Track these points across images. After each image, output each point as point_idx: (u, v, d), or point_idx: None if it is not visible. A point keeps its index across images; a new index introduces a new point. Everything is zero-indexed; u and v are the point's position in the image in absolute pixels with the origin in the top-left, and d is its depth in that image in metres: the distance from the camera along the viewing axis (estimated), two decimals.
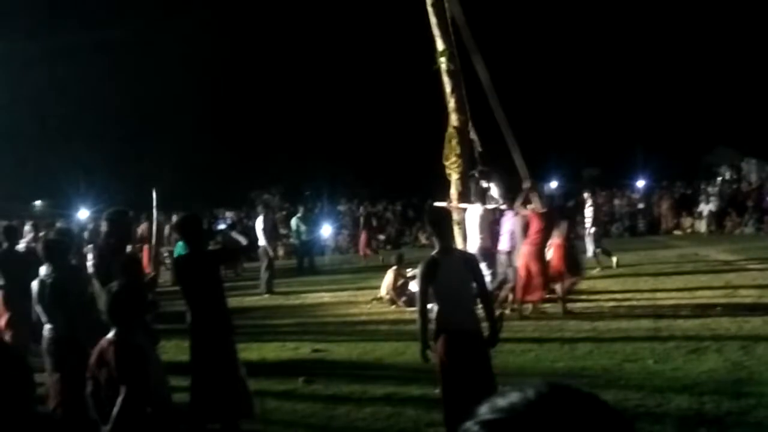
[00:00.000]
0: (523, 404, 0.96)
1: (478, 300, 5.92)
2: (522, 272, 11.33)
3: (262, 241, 16.28)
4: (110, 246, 6.93)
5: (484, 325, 5.73)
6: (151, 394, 4.50)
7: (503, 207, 12.43)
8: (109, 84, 30.78)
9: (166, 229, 18.53)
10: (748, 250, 18.59)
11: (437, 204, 12.70)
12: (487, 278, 11.50)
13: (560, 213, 12.82)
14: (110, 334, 4.58)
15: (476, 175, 12.81)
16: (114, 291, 4.68)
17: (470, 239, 12.11)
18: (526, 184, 12.17)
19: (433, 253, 5.68)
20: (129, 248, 8.33)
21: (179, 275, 6.57)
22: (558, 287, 11.72)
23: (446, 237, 5.72)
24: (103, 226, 7.36)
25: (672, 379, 7.38)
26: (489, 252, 11.99)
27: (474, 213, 12.20)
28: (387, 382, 7.99)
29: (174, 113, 33.30)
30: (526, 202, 11.73)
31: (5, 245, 9.38)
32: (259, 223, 16.73)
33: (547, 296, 11.80)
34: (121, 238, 7.13)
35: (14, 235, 9.72)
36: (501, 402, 0.98)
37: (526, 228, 11.58)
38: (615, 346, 9.03)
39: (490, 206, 12.45)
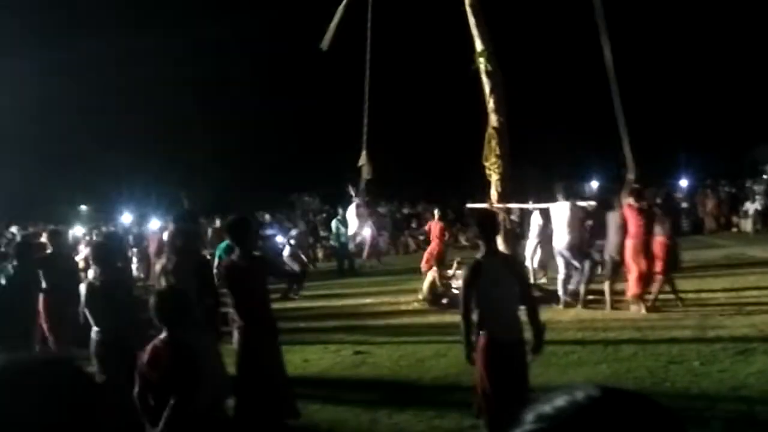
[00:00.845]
0: (573, 409, 0.95)
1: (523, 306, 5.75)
2: (630, 267, 11.44)
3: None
4: (179, 248, 7.04)
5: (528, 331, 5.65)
6: (199, 396, 4.56)
7: (592, 204, 12.74)
8: (152, 89, 31.20)
9: (209, 232, 18.73)
10: None
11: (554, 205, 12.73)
12: (575, 275, 12.16)
13: (665, 210, 12.95)
14: (162, 335, 4.66)
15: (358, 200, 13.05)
16: (160, 292, 4.78)
17: (558, 236, 12.35)
18: (631, 176, 12.35)
19: (478, 256, 5.65)
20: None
21: (229, 278, 6.44)
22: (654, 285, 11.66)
23: (492, 240, 5.67)
24: (171, 229, 7.48)
25: (719, 381, 7.27)
26: (578, 248, 12.18)
27: (563, 210, 12.29)
28: (429, 385, 7.99)
29: (215, 118, 33.65)
30: (633, 194, 11.73)
31: (50, 250, 9.57)
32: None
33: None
34: (190, 239, 7.28)
35: (60, 239, 9.91)
36: (547, 409, 0.96)
37: (623, 223, 11.63)
38: (660, 348, 8.92)
39: (580, 203, 12.69)
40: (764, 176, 29.95)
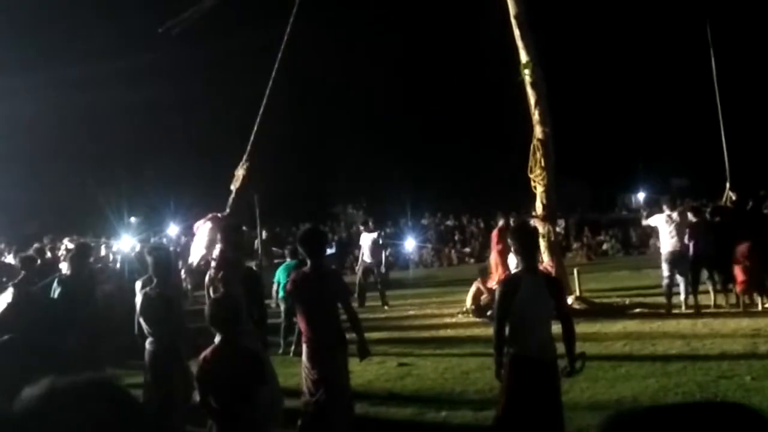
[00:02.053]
0: None
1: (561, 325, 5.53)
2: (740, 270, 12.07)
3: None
4: (227, 258, 7.14)
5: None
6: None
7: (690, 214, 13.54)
8: (198, 100, 31.64)
9: (255, 243, 18.91)
10: None
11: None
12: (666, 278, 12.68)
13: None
14: (216, 340, 4.78)
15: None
16: (216, 300, 4.91)
17: (663, 242, 12.93)
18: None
19: (516, 270, 5.59)
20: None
21: (297, 291, 6.29)
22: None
23: (531, 255, 5.57)
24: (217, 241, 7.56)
25: (739, 402, 7.09)
26: (680, 254, 12.68)
27: (665, 219, 12.89)
28: (473, 397, 7.95)
29: (261, 130, 33.89)
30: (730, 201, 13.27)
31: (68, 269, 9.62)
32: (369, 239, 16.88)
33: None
34: (238, 250, 7.37)
35: (86, 253, 9.97)
36: None
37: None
38: (709, 363, 8.75)
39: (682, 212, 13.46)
40: None
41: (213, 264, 7.20)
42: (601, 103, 31.63)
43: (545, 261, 13.73)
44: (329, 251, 16.63)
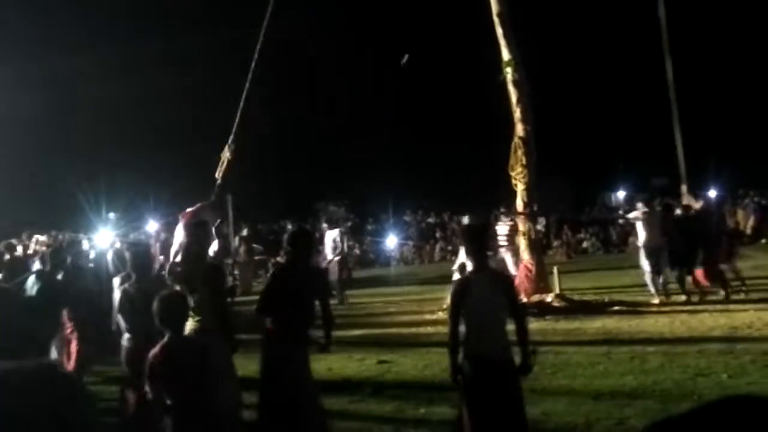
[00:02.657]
0: None
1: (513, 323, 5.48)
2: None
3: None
4: (190, 255, 7.09)
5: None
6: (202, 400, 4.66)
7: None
8: (177, 96, 31.47)
9: (236, 241, 18.86)
10: None
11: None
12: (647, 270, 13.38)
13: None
14: (165, 339, 4.80)
15: None
16: (163, 296, 4.92)
17: (643, 237, 13.61)
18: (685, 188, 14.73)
19: (467, 272, 5.58)
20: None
21: (278, 287, 6.29)
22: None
23: (480, 256, 5.50)
24: (184, 237, 7.53)
25: (748, 394, 7.16)
26: (660, 248, 13.40)
27: (645, 214, 13.74)
28: (454, 395, 7.95)
29: (240, 126, 33.81)
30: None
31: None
32: (333, 236, 16.75)
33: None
34: (202, 246, 7.30)
35: (68, 249, 9.94)
36: None
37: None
38: (687, 360, 8.82)
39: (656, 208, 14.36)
40: None
41: (176, 259, 7.21)
42: (582, 102, 31.81)
43: (525, 259, 13.80)
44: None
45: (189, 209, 8.86)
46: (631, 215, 14.44)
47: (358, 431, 7.01)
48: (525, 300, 13.23)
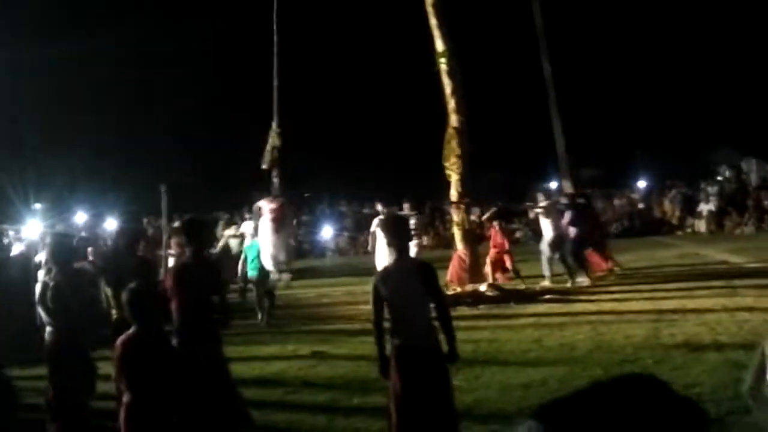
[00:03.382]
0: None
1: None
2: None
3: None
4: (120, 247, 6.95)
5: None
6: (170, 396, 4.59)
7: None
8: (109, 87, 30.85)
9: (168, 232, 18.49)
10: (748, 249, 18.59)
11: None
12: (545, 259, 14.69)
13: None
14: (131, 330, 4.73)
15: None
16: (132, 288, 4.82)
17: (543, 227, 14.84)
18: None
19: (389, 262, 5.57)
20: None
21: (175, 280, 6.07)
22: None
23: (402, 246, 5.46)
24: (114, 228, 7.39)
25: (672, 379, 7.25)
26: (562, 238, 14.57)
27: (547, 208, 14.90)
28: (386, 384, 7.96)
29: (177, 118, 33.35)
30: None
31: None
32: (248, 227, 16.39)
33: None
34: (132, 238, 7.15)
35: None
36: None
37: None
38: (614, 346, 9.04)
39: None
40: (718, 178, 30.55)
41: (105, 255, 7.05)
42: (515, 93, 32.19)
43: (459, 249, 13.92)
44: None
45: (273, 206, 9.07)
46: (537, 208, 15.40)
47: (292, 423, 6.94)
48: (459, 290, 13.36)
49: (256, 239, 13.13)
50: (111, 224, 16.76)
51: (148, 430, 4.59)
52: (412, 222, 14.43)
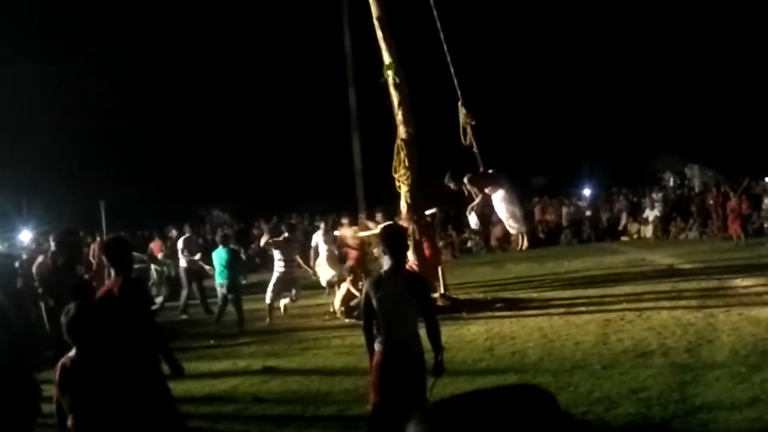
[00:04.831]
0: None
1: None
2: None
3: (183, 262, 15.93)
4: (59, 267, 6.79)
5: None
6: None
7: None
8: (51, 104, 30.34)
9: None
10: (693, 254, 19.02)
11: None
12: None
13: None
14: (72, 353, 4.57)
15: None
16: (73, 311, 4.66)
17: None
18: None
19: (382, 270, 5.64)
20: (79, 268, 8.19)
21: (104, 302, 5.62)
22: None
23: (398, 255, 5.58)
24: (52, 247, 7.23)
25: (620, 384, 7.50)
26: None
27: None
28: (339, 397, 7.96)
29: (119, 132, 32.94)
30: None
31: None
32: (180, 243, 16.36)
33: None
34: (70, 258, 6.98)
35: None
36: None
37: None
38: (564, 353, 9.16)
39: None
40: (663, 184, 31.20)
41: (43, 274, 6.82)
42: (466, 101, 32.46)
43: (410, 260, 13.93)
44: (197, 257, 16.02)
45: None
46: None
47: None
48: None
49: (221, 247, 13.68)
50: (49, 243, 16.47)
51: None
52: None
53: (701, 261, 17.20)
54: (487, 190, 12.44)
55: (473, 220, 13.36)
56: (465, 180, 12.63)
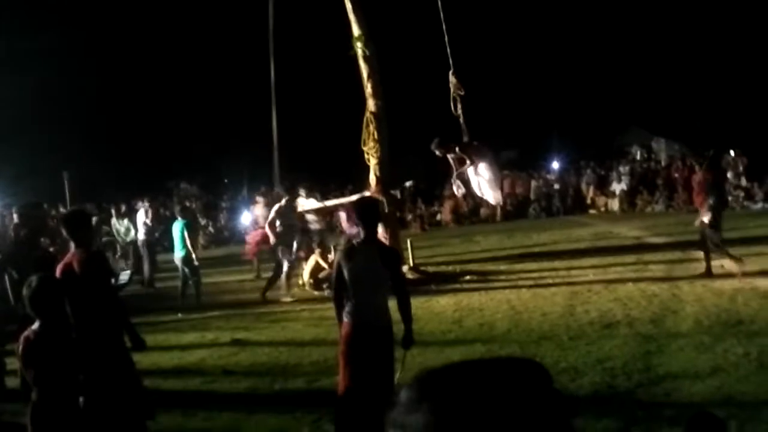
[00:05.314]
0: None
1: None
2: None
3: (141, 234, 15.96)
4: (22, 239, 6.70)
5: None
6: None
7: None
8: (14, 78, 29.75)
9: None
10: (658, 226, 19.24)
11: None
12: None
13: None
14: (35, 326, 4.53)
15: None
16: (35, 283, 4.61)
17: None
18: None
19: (355, 241, 5.65)
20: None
21: (67, 274, 5.53)
22: None
23: (371, 227, 5.59)
24: (15, 220, 7.12)
25: (586, 354, 7.60)
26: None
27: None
28: (308, 369, 7.98)
29: (86, 101, 32.41)
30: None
31: None
32: (141, 216, 16.27)
33: None
34: (33, 230, 6.89)
35: None
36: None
37: None
38: (532, 324, 9.26)
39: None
40: (630, 158, 31.45)
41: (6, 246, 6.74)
42: (432, 77, 32.39)
43: (380, 233, 13.93)
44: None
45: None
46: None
47: (211, 412, 6.85)
48: None
49: (179, 219, 13.10)
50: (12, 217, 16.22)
51: (54, 426, 4.45)
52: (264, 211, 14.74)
53: (667, 233, 17.41)
54: (473, 159, 12.41)
55: (459, 187, 13.18)
56: (456, 148, 12.58)
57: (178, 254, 12.74)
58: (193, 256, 12.57)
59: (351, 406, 5.31)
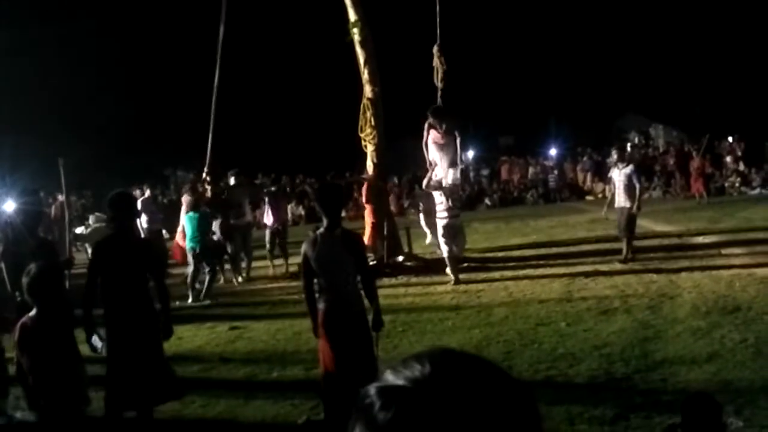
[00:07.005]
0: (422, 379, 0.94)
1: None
2: None
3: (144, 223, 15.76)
4: (19, 227, 6.67)
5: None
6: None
7: None
8: (13, 64, 29.64)
9: (78, 208, 17.92)
10: (656, 213, 19.21)
11: None
12: None
13: None
14: (32, 313, 4.56)
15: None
16: (34, 271, 4.62)
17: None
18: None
19: (319, 230, 5.62)
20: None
21: (98, 258, 5.61)
22: None
23: (332, 215, 5.54)
24: (11, 207, 7.09)
25: (583, 341, 7.60)
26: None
27: None
28: (305, 356, 7.97)
29: (85, 88, 32.32)
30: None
31: None
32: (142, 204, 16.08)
33: None
34: (30, 218, 6.86)
35: None
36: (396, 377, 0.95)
37: None
38: (529, 311, 9.25)
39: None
40: (628, 144, 31.42)
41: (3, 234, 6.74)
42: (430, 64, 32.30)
43: (371, 219, 13.90)
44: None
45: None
46: None
47: (209, 399, 6.85)
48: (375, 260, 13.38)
49: (192, 211, 12.69)
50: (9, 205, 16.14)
51: (52, 412, 4.45)
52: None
53: (664, 220, 17.41)
54: (442, 129, 12.15)
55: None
56: (429, 111, 12.43)
57: (191, 245, 12.38)
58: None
59: (336, 387, 5.36)
